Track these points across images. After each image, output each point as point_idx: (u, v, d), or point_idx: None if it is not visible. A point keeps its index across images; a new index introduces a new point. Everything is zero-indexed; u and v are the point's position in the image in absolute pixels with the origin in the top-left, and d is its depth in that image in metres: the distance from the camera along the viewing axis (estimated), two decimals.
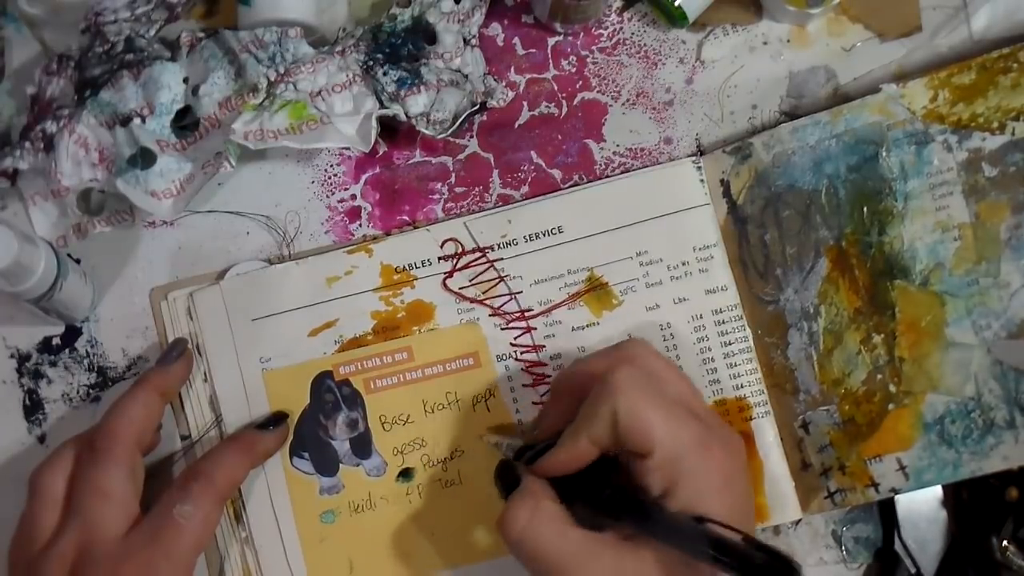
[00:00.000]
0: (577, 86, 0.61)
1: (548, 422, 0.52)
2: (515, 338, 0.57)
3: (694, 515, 0.43)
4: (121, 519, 0.48)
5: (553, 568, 0.44)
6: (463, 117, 0.58)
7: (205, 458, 0.51)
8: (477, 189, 0.60)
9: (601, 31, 0.61)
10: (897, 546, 0.56)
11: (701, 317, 0.57)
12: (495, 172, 0.60)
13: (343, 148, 0.59)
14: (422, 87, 0.57)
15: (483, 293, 0.57)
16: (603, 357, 0.50)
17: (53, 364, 0.58)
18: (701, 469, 0.45)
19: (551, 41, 0.61)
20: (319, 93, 0.57)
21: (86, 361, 0.58)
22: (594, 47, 0.61)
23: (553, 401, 0.53)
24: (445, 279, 0.57)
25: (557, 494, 0.47)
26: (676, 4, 0.58)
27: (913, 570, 0.56)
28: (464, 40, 0.59)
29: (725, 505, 0.44)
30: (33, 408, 0.57)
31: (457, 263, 0.58)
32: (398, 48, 0.58)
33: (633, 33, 0.61)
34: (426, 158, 0.60)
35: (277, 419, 0.55)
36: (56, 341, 0.58)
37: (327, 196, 0.59)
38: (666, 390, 0.47)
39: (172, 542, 0.47)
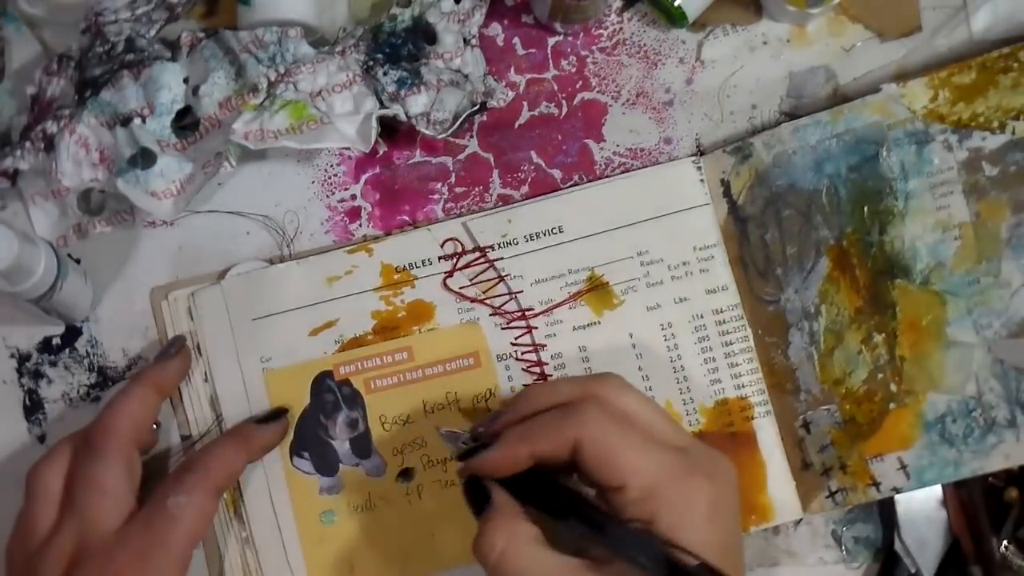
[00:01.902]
0: (577, 86, 0.61)
1: (496, 426, 0.49)
2: (516, 338, 0.57)
3: (660, 538, 0.41)
4: (118, 514, 0.48)
5: None
6: (463, 117, 0.58)
7: (201, 451, 0.51)
8: (477, 189, 0.60)
9: (601, 31, 0.61)
10: (897, 546, 0.56)
11: (702, 317, 0.57)
12: (495, 172, 0.60)
13: (343, 148, 0.59)
14: (422, 87, 0.57)
15: (483, 293, 0.57)
16: (574, 385, 0.48)
17: (53, 364, 0.58)
18: (681, 499, 0.43)
19: (551, 41, 0.61)
20: (319, 93, 0.57)
21: (86, 361, 0.58)
22: (594, 47, 0.61)
23: (511, 409, 0.49)
24: (445, 279, 0.57)
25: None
26: (676, 4, 0.58)
27: (913, 570, 0.56)
28: (464, 40, 0.59)
29: (708, 536, 0.42)
30: (33, 408, 0.57)
31: (457, 263, 0.58)
32: (398, 48, 0.58)
33: (633, 33, 0.61)
34: (426, 158, 0.60)
35: (277, 414, 0.55)
36: (56, 341, 0.58)
37: (327, 196, 0.59)
38: (639, 425, 0.45)
39: (166, 532, 0.47)
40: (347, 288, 0.57)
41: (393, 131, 0.60)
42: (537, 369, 0.57)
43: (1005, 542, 0.55)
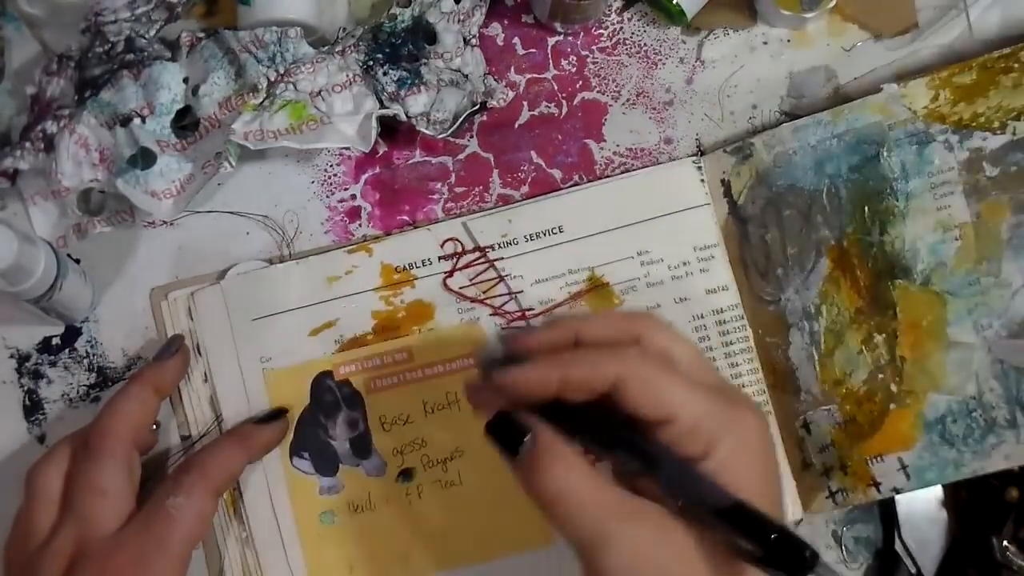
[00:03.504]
0: (577, 86, 0.61)
1: (528, 343, 0.44)
2: None
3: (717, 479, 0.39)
4: (117, 515, 0.48)
5: (592, 531, 0.38)
6: (463, 117, 0.58)
7: (200, 451, 0.51)
8: (477, 189, 0.60)
9: (601, 31, 0.61)
10: (897, 546, 0.56)
11: (702, 317, 0.57)
12: (495, 172, 0.60)
13: (343, 148, 0.59)
14: (422, 87, 0.57)
15: (483, 293, 0.57)
16: (612, 322, 0.43)
17: (53, 364, 0.58)
18: (733, 431, 0.40)
19: (551, 41, 0.61)
20: (319, 93, 0.57)
21: (86, 361, 0.58)
22: (594, 47, 0.61)
23: (546, 330, 0.44)
24: (445, 279, 0.57)
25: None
26: (675, 2, 0.58)
27: (913, 570, 0.56)
28: (464, 40, 0.59)
29: (761, 468, 0.40)
30: (33, 408, 0.57)
31: (457, 263, 0.58)
32: (398, 48, 0.58)
33: (633, 33, 0.61)
34: (426, 158, 0.60)
35: (276, 414, 0.55)
36: (56, 341, 0.58)
37: (327, 196, 0.59)
38: (680, 366, 0.42)
39: (164, 533, 0.47)
40: (347, 288, 0.57)
41: (393, 131, 0.60)
42: None
43: (1005, 542, 0.55)
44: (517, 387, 0.41)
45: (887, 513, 0.57)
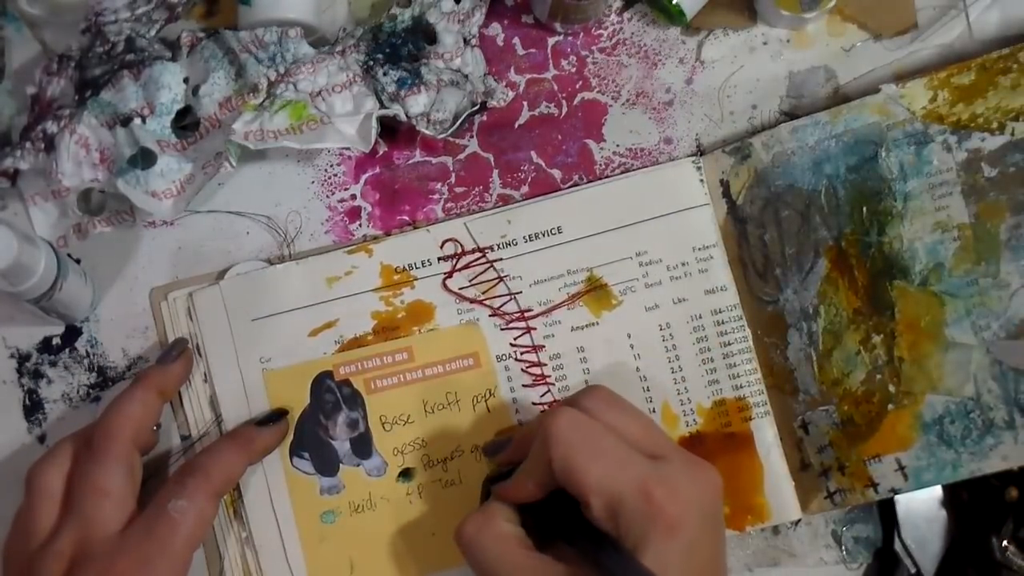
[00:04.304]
0: (577, 86, 0.61)
1: (506, 456, 0.53)
2: (515, 338, 0.57)
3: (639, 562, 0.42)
4: (119, 517, 0.48)
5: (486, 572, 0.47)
6: (463, 117, 0.58)
7: (202, 454, 0.51)
8: (477, 189, 0.60)
9: (601, 31, 0.61)
10: (897, 546, 0.56)
11: (700, 317, 0.57)
12: (495, 172, 0.60)
13: (343, 148, 0.59)
14: (422, 87, 0.57)
15: (483, 293, 0.57)
16: (557, 406, 0.51)
17: (53, 364, 0.58)
18: (640, 516, 0.43)
19: (551, 41, 0.61)
20: (319, 93, 0.57)
21: (86, 361, 0.58)
22: (594, 47, 0.61)
23: (516, 441, 0.53)
24: (445, 279, 0.58)
25: (528, 514, 0.49)
26: (674, 2, 0.58)
27: (913, 570, 0.56)
28: (464, 40, 0.59)
29: (669, 553, 0.42)
30: (33, 408, 0.57)
31: (457, 263, 0.58)
32: (398, 48, 0.58)
33: (633, 33, 0.61)
34: (426, 158, 0.60)
35: (277, 416, 0.55)
36: (56, 341, 0.58)
37: (327, 196, 0.59)
38: (609, 435, 0.46)
39: (167, 536, 0.47)
40: (347, 288, 0.57)
41: (393, 131, 0.60)
42: (536, 370, 0.57)
43: (1005, 542, 0.55)
44: (508, 498, 0.49)
45: (887, 513, 0.57)
